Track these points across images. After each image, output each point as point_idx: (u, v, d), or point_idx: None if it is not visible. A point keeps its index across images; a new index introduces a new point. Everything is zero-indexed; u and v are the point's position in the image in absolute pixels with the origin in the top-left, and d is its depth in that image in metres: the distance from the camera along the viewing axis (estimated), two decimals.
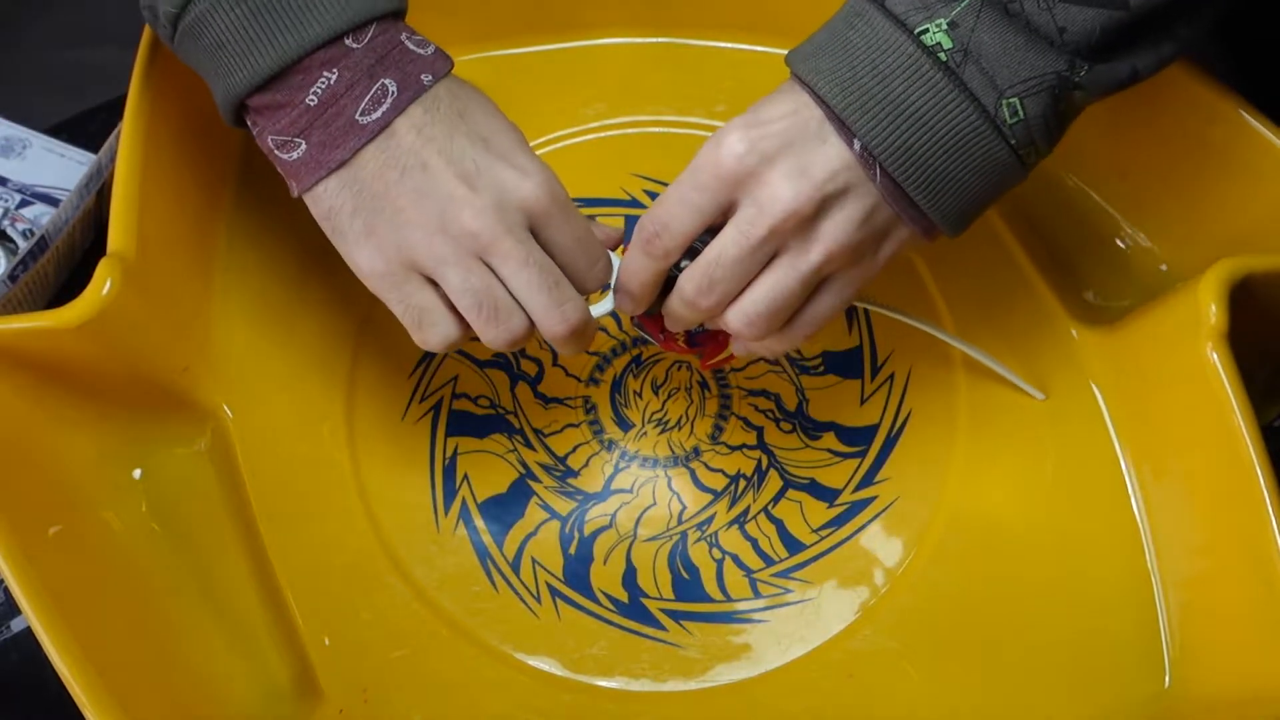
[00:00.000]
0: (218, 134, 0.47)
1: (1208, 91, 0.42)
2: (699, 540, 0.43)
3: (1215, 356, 0.37)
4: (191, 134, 0.44)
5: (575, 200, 0.47)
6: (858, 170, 0.33)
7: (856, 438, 0.44)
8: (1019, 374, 0.44)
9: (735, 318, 0.35)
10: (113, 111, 0.53)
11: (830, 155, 0.33)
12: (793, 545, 0.43)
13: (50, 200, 0.51)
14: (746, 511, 0.43)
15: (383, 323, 0.45)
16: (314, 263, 0.46)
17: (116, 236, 0.38)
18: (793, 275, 0.34)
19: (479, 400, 0.45)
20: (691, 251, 0.35)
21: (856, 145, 0.32)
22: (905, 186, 0.33)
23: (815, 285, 0.35)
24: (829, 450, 0.44)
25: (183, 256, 0.44)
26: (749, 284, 0.34)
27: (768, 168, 0.33)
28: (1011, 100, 0.32)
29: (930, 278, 0.46)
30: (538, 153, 0.48)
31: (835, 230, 0.33)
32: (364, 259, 0.35)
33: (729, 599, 0.42)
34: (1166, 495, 0.41)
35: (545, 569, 0.42)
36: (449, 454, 0.44)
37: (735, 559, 0.43)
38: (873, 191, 0.33)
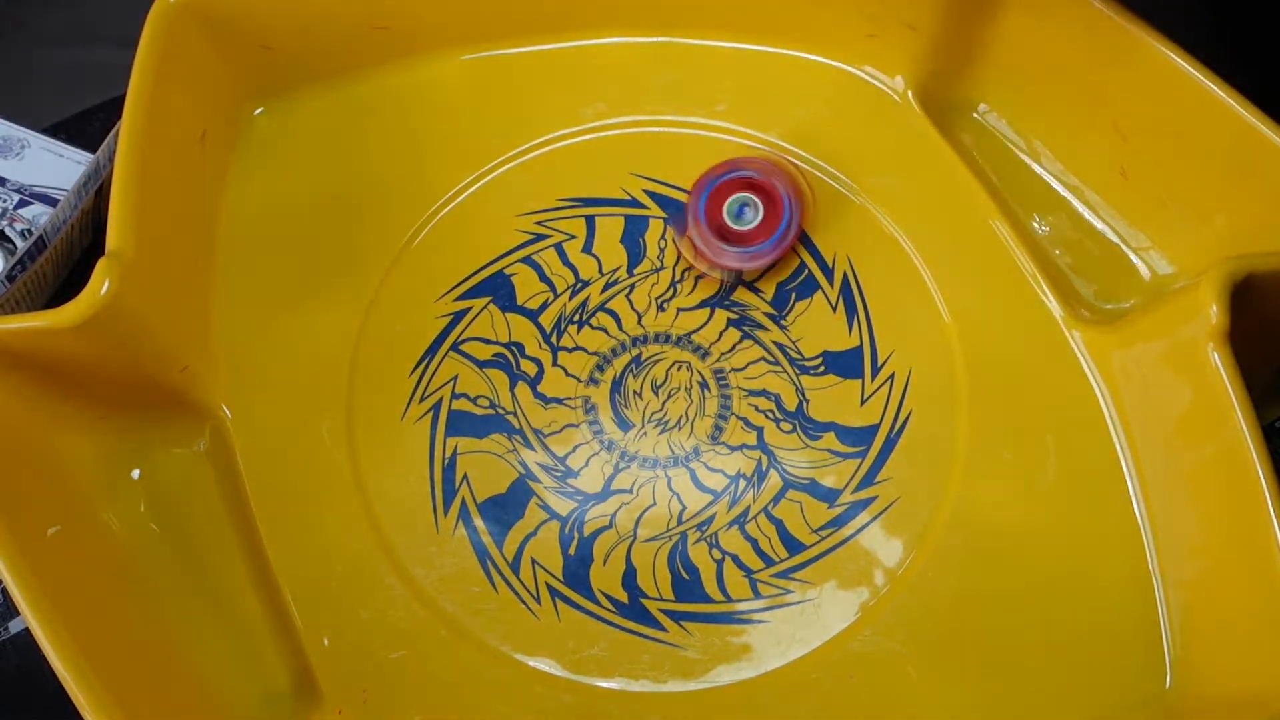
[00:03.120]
0: (217, 133, 0.47)
1: (1209, 90, 0.42)
2: (699, 540, 0.43)
3: (1217, 357, 0.37)
4: (190, 133, 0.44)
5: (575, 200, 0.48)
6: None
7: (857, 438, 0.44)
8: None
9: None
10: (111, 111, 0.53)
11: None
12: (793, 545, 0.43)
13: (49, 200, 0.51)
14: (746, 512, 0.43)
15: (383, 323, 0.46)
16: (314, 262, 0.46)
17: (115, 236, 0.38)
18: None
19: (479, 400, 0.45)
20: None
21: None
22: None
23: None
24: (829, 450, 0.44)
25: (182, 256, 0.44)
26: None
27: None
28: None
29: (931, 278, 0.46)
30: (537, 153, 0.49)
31: None
32: None
33: (729, 599, 0.42)
34: (1168, 496, 0.41)
35: (545, 569, 0.42)
36: (448, 454, 0.44)
37: (735, 559, 0.43)
38: None
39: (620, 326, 0.46)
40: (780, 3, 0.48)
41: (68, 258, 0.50)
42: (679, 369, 0.46)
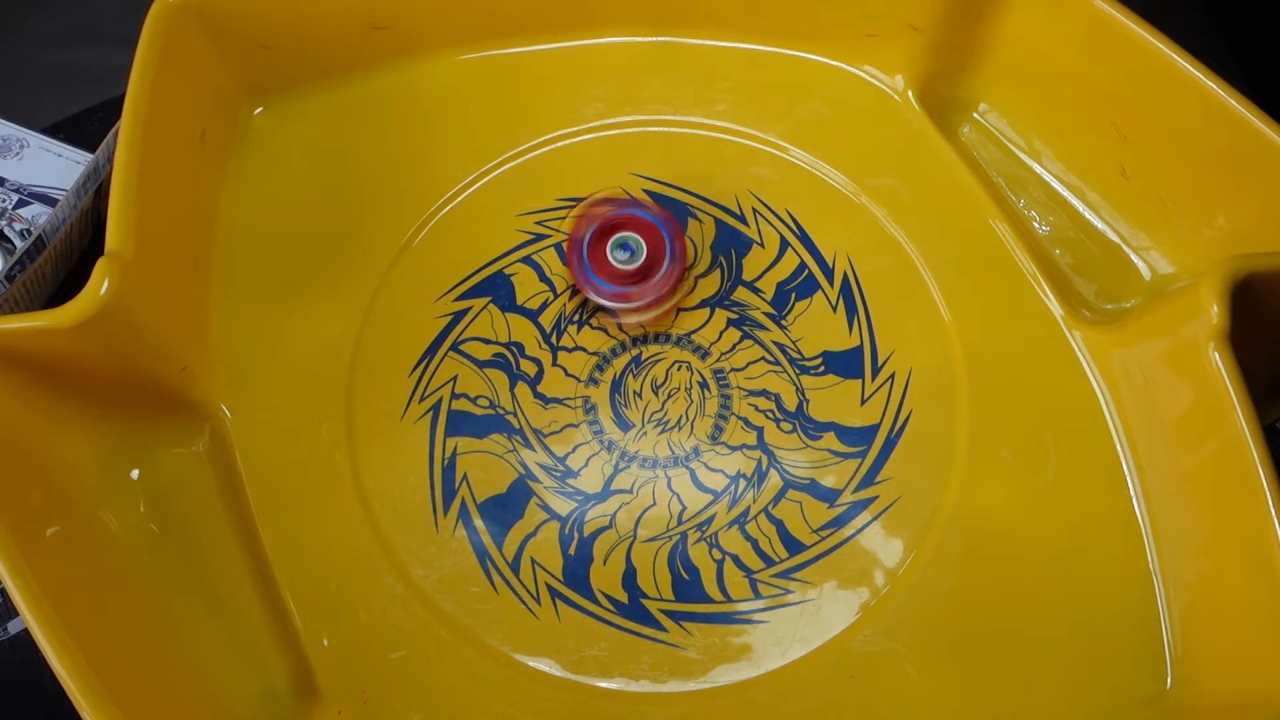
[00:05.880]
0: (216, 133, 0.47)
1: (1209, 90, 0.42)
2: (699, 541, 0.43)
3: (1217, 357, 0.37)
4: (190, 133, 0.44)
5: (575, 200, 0.48)
6: None
7: (857, 438, 0.44)
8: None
9: None
10: (111, 111, 0.53)
11: None
12: (793, 546, 0.43)
13: (48, 200, 0.51)
14: (747, 512, 0.43)
15: (383, 323, 0.46)
16: (314, 262, 0.46)
17: (114, 236, 0.38)
18: None
19: (478, 400, 0.45)
20: None
21: None
22: None
23: None
24: (829, 450, 0.44)
25: (181, 256, 0.44)
26: None
27: None
28: None
29: (931, 278, 0.46)
30: (537, 153, 0.49)
31: None
32: None
33: (729, 600, 0.42)
34: (1168, 496, 0.41)
35: (545, 569, 0.42)
36: (448, 454, 0.44)
37: (735, 559, 0.43)
38: None
39: (621, 327, 0.46)
40: (780, 3, 0.48)
41: (67, 258, 0.50)
42: (679, 369, 0.45)
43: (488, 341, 0.46)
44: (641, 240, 0.44)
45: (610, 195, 0.46)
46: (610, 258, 0.44)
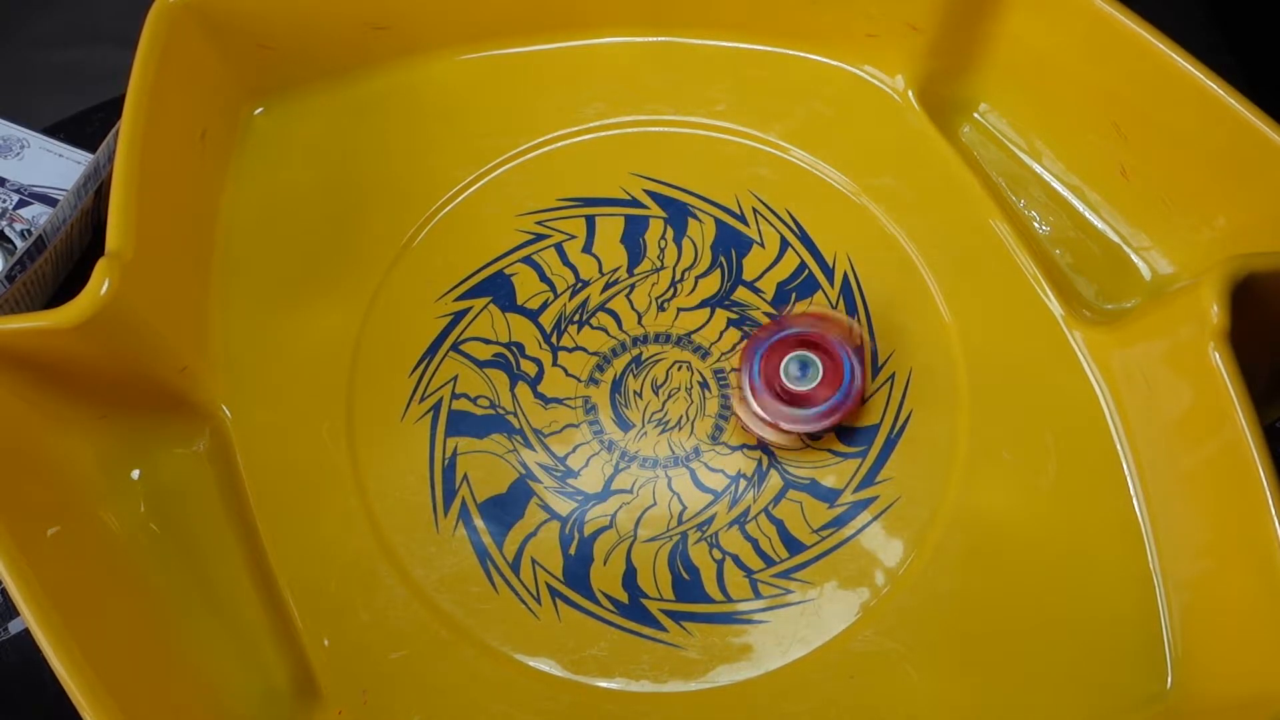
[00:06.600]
0: (216, 133, 0.47)
1: (1209, 90, 0.42)
2: (699, 541, 0.43)
3: (1218, 357, 0.37)
4: (190, 133, 0.44)
5: (575, 200, 0.48)
6: None
7: (857, 438, 0.44)
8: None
9: None
10: (111, 111, 0.53)
11: None
12: (793, 546, 0.43)
13: (48, 200, 0.51)
14: (747, 512, 0.43)
15: (383, 323, 0.46)
16: (314, 262, 0.46)
17: (115, 236, 0.38)
18: None
19: (479, 400, 0.45)
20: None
21: None
22: None
23: None
24: (829, 450, 0.44)
25: (181, 256, 0.44)
26: None
27: None
28: None
29: (931, 278, 0.46)
30: (537, 153, 0.49)
31: None
32: None
33: (729, 600, 0.42)
34: (1168, 496, 0.41)
35: (545, 569, 0.42)
36: (448, 454, 0.44)
37: (736, 559, 0.43)
38: None
39: (620, 326, 0.46)
40: (780, 2, 0.48)
41: (68, 258, 0.50)
42: (679, 369, 0.45)
43: (488, 341, 0.46)
44: (820, 368, 0.42)
45: (844, 327, 0.43)
46: (782, 370, 0.42)
